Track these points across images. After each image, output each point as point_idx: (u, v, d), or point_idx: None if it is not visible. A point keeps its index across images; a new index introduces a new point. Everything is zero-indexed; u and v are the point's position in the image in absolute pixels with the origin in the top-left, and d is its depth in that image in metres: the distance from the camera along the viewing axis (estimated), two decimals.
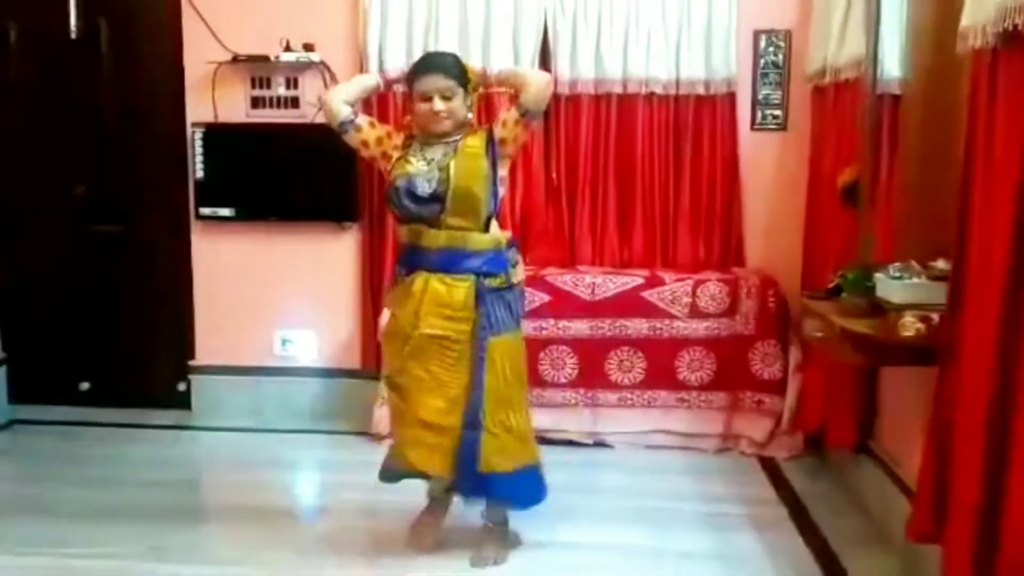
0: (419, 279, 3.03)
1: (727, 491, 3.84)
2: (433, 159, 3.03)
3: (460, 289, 3.01)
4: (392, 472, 3.27)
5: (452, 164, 2.98)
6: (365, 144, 3.10)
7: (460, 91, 3.01)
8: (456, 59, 3.14)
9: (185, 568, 3.19)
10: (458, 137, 3.06)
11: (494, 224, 3.11)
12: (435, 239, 3.02)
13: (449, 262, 3.03)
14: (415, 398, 3.07)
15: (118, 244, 4.68)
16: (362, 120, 3.11)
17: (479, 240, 3.04)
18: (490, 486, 3.11)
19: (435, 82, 2.98)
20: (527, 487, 3.16)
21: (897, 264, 2.94)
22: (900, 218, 3.31)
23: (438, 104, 2.97)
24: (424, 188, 2.99)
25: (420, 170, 3.01)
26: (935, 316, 2.64)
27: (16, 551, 3.27)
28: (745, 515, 3.59)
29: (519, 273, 3.17)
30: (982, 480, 2.24)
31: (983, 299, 2.26)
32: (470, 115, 3.12)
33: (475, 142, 3.05)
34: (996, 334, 2.18)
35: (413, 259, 3.08)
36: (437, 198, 2.99)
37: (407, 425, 3.14)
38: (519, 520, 3.29)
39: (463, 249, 3.03)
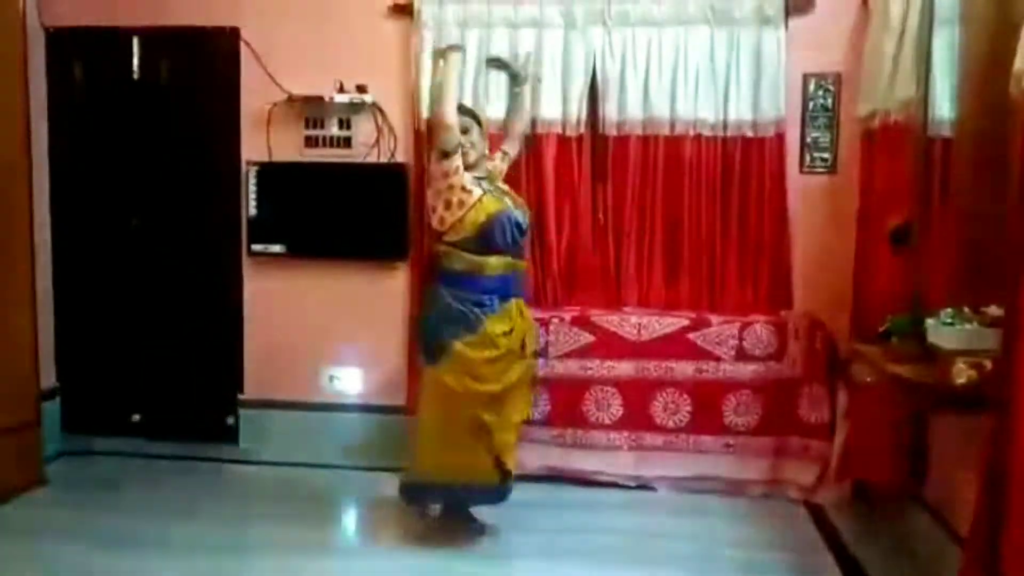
0: (513, 305, 3.50)
1: (773, 537, 3.79)
2: (501, 194, 3.54)
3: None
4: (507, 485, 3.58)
5: (523, 202, 3.68)
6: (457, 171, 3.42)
7: (475, 127, 3.58)
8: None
9: None
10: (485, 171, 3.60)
11: None
12: (522, 267, 3.61)
13: (521, 286, 3.61)
14: (512, 404, 3.54)
15: (171, 277, 4.77)
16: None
17: None
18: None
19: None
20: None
21: (948, 309, 2.90)
22: (951, 262, 3.27)
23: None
24: (525, 221, 3.53)
25: (507, 204, 3.49)
26: (987, 363, 2.59)
27: None
28: (791, 561, 3.54)
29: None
30: None
31: None
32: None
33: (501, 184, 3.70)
34: None
35: (508, 288, 3.49)
36: (525, 232, 3.55)
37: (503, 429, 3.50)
38: (563, 556, 3.24)
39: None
